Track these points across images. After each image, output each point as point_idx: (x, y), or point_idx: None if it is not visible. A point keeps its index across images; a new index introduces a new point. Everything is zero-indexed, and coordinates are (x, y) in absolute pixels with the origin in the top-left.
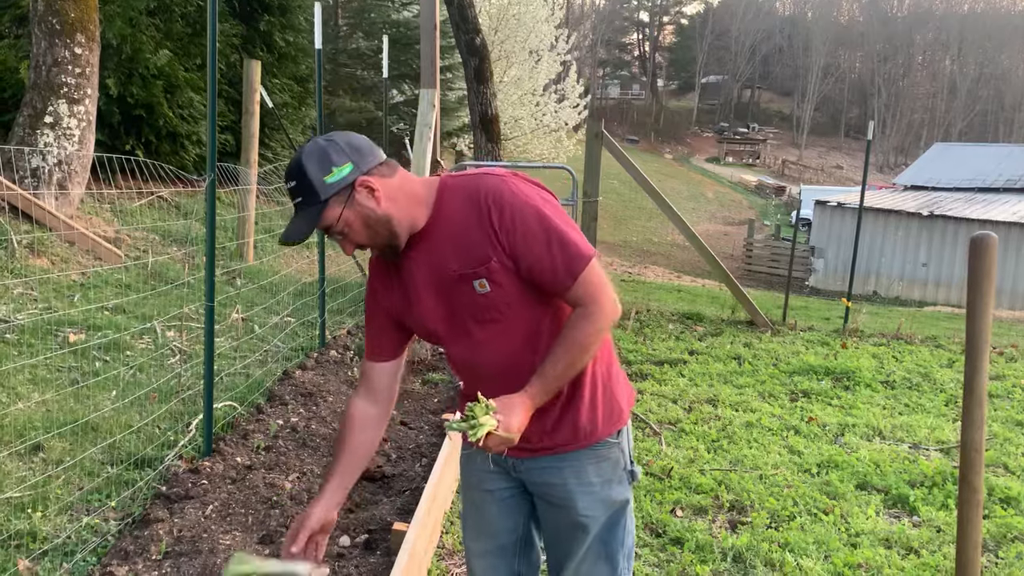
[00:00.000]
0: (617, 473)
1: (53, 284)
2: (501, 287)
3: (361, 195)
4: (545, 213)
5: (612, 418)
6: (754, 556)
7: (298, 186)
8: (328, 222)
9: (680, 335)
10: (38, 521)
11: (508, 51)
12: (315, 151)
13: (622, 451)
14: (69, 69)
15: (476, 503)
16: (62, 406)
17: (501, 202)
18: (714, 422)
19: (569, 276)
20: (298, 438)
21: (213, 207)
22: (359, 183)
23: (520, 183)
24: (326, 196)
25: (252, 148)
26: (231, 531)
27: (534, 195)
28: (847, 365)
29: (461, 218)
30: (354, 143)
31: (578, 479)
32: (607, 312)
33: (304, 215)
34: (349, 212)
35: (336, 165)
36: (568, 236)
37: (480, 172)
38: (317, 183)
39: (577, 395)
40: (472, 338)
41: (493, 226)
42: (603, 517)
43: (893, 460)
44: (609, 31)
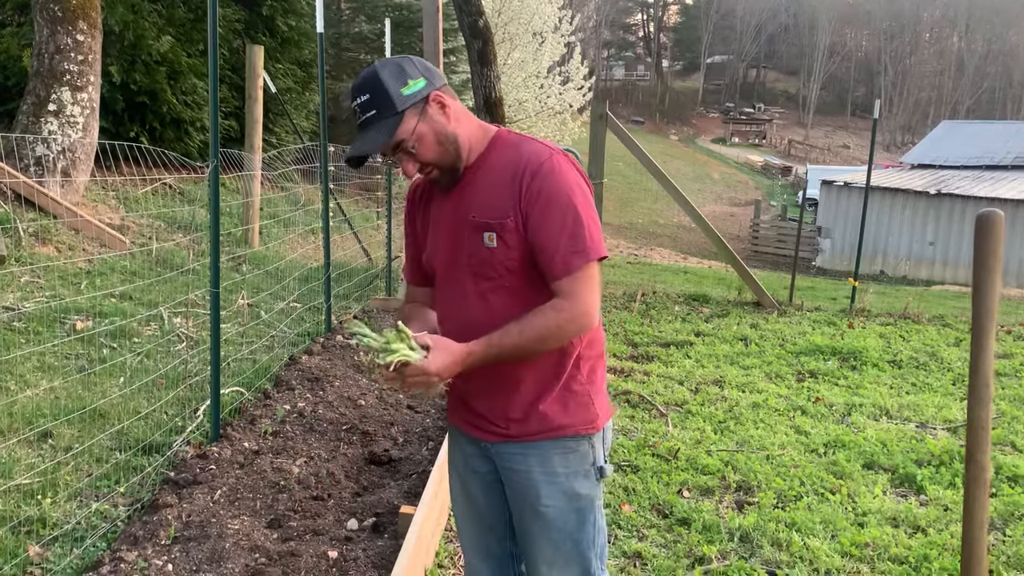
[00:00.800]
0: (584, 467)
1: (59, 272)
2: (507, 247)
3: (434, 109)
4: (573, 199)
5: (584, 420)
6: (761, 536)
7: (372, 98)
8: (403, 135)
9: (686, 317)
10: (48, 507)
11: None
12: (391, 64)
13: (592, 447)
14: (72, 56)
15: (463, 484)
16: (70, 393)
17: (538, 170)
18: (721, 403)
19: (564, 266)
20: (305, 423)
21: (217, 193)
22: (433, 97)
23: (564, 162)
24: (403, 107)
25: (256, 134)
26: (239, 516)
27: (572, 179)
28: (854, 345)
29: (500, 171)
30: (424, 63)
31: (543, 467)
32: (578, 316)
33: (379, 126)
34: (424, 125)
35: (412, 78)
36: (583, 228)
37: (533, 138)
38: (394, 94)
39: (550, 387)
40: (463, 289)
41: (521, 188)
42: (567, 510)
43: (900, 439)
44: (613, 12)
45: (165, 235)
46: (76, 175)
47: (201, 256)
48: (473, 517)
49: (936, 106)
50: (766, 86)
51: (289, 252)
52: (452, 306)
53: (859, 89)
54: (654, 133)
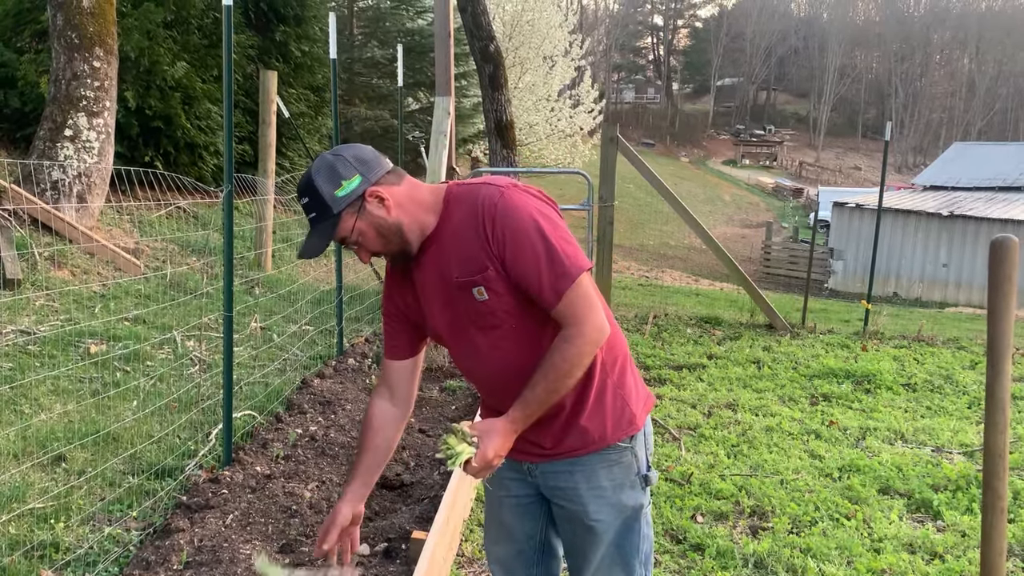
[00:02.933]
0: (630, 478)
1: (74, 296)
2: (499, 295)
3: (372, 205)
4: (539, 227)
5: (623, 424)
6: (775, 562)
7: (311, 202)
8: (342, 234)
9: (699, 339)
10: (61, 531)
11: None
12: (323, 167)
13: (635, 456)
14: (88, 83)
15: (496, 507)
16: (84, 417)
17: (495, 212)
18: (734, 427)
19: (554, 294)
20: (317, 446)
21: (231, 218)
22: (368, 193)
23: (518, 194)
24: (338, 209)
25: (269, 158)
26: (251, 540)
27: (531, 207)
28: (868, 368)
29: (462, 227)
30: (360, 155)
31: (588, 483)
32: (588, 337)
33: (319, 230)
34: (361, 223)
35: (345, 178)
36: (557, 252)
37: (482, 182)
38: (328, 197)
39: (583, 403)
40: (474, 344)
41: (487, 236)
42: (616, 522)
43: (916, 464)
44: (623, 36)
45: (179, 259)
46: (91, 199)
47: (215, 280)
48: (504, 540)
49: (948, 127)
50: (776, 108)
51: (301, 275)
52: (470, 362)
53: (870, 111)
54: (665, 155)
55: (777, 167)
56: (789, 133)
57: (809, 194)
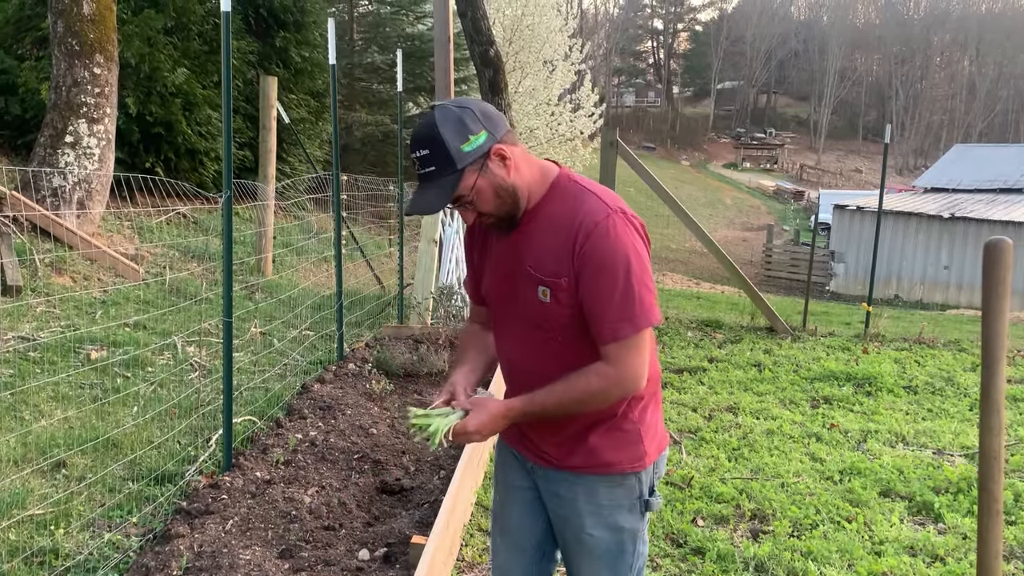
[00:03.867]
0: (630, 500)
1: (75, 302)
2: (560, 305)
3: (495, 163)
4: (628, 264)
5: (632, 458)
6: (776, 565)
7: (432, 155)
8: (463, 192)
9: (699, 343)
10: (60, 538)
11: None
12: (450, 119)
13: (639, 481)
14: (88, 89)
15: (502, 497)
16: (84, 423)
17: (592, 231)
18: (735, 430)
19: (612, 334)
20: (317, 452)
21: (230, 223)
22: (494, 152)
23: (621, 224)
24: (463, 165)
25: (270, 163)
26: (251, 546)
27: (627, 241)
28: (869, 370)
29: (557, 225)
30: (485, 111)
31: (588, 497)
32: (623, 382)
33: (439, 184)
34: (483, 180)
35: (473, 133)
36: (634, 296)
37: (595, 191)
38: (454, 151)
39: (598, 426)
40: (518, 333)
41: (575, 248)
42: (609, 541)
43: (917, 466)
44: (623, 39)
45: (179, 265)
46: (92, 206)
47: (215, 285)
48: (505, 535)
49: (948, 130)
50: (777, 111)
51: (302, 280)
52: (506, 345)
53: (870, 113)
54: (665, 159)
55: (778, 170)
56: (790, 136)
57: (810, 197)
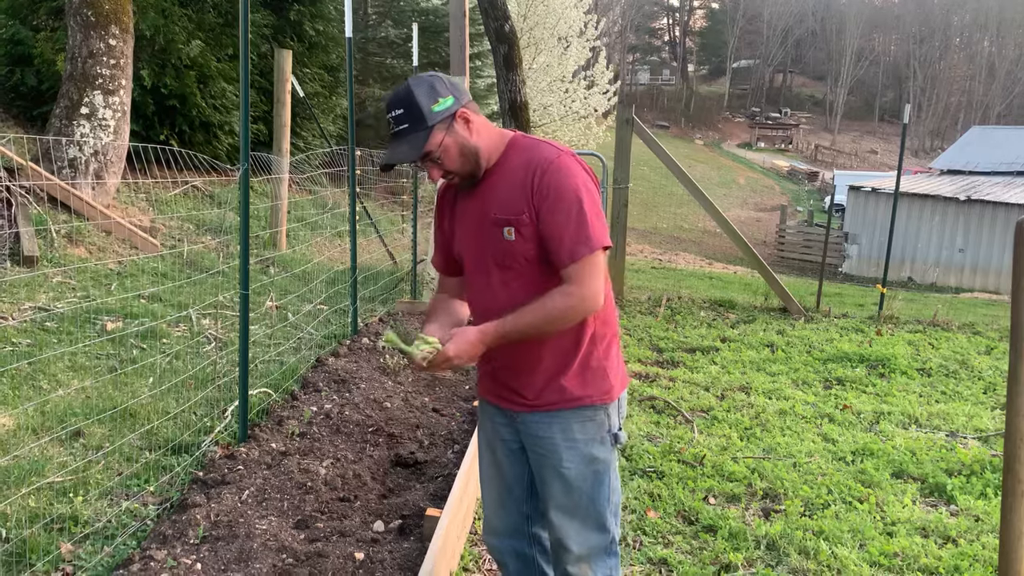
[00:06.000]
0: (600, 434)
1: (91, 273)
2: (524, 240)
3: (460, 125)
4: (579, 194)
5: (601, 391)
6: (788, 544)
7: (406, 113)
8: (431, 147)
9: (712, 322)
10: (79, 505)
11: (537, 38)
12: (424, 83)
13: (608, 415)
14: (104, 60)
15: (490, 450)
16: (101, 393)
17: (547, 168)
18: (747, 410)
19: (569, 255)
20: (331, 424)
21: (247, 196)
22: (459, 114)
23: (571, 162)
24: (432, 123)
25: (284, 137)
26: (267, 516)
27: (578, 177)
28: (882, 352)
29: (515, 173)
30: (453, 81)
31: (564, 434)
32: (584, 299)
33: (410, 139)
34: (449, 139)
35: (442, 96)
36: (587, 220)
37: (544, 141)
38: (426, 110)
39: (568, 364)
40: (488, 278)
41: (533, 186)
42: (586, 471)
43: (930, 448)
44: (639, 16)
45: (194, 237)
46: (107, 177)
47: (230, 258)
48: (496, 479)
49: (966, 111)
50: (793, 91)
51: (316, 255)
52: (479, 293)
53: (887, 94)
54: (679, 137)
55: (792, 150)
56: (805, 116)
57: (824, 178)
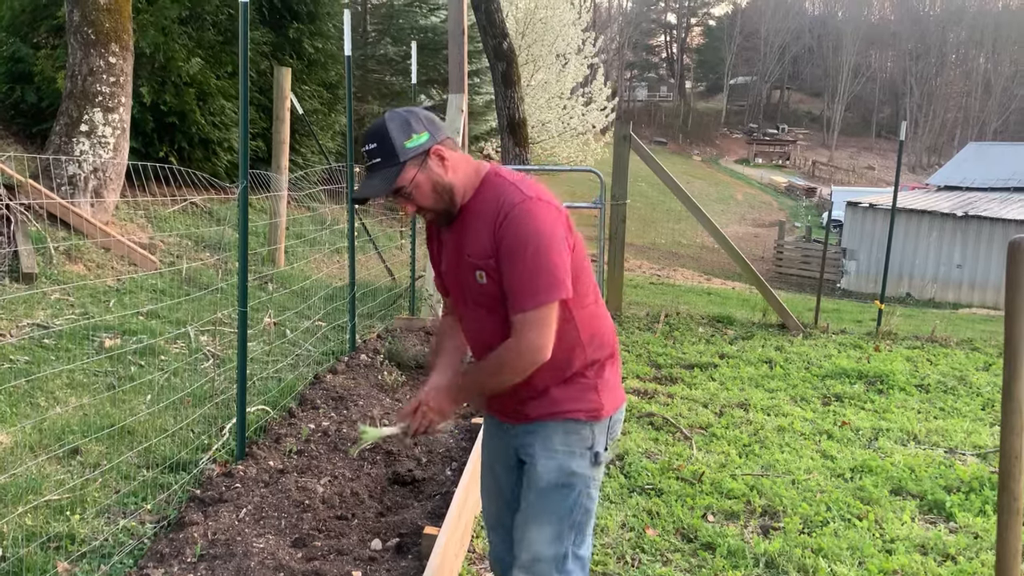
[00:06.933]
0: (581, 448)
1: (89, 290)
2: (494, 283)
3: (434, 161)
4: (537, 244)
5: (588, 409)
6: (787, 562)
7: (379, 148)
8: (402, 183)
9: (710, 338)
10: (76, 523)
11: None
12: (398, 118)
13: (592, 432)
14: (104, 78)
15: (491, 466)
16: (99, 410)
17: (508, 213)
18: (745, 426)
19: (516, 305)
20: (329, 442)
21: (246, 214)
22: (434, 151)
23: (537, 207)
24: (405, 159)
25: (283, 154)
26: (264, 534)
27: (539, 223)
28: (880, 368)
29: (484, 212)
30: (430, 117)
31: (544, 444)
32: (522, 353)
33: (382, 174)
34: (422, 175)
35: (416, 132)
36: (538, 274)
37: (514, 181)
38: (398, 146)
39: (559, 381)
40: (475, 312)
41: (496, 231)
42: (554, 476)
43: (928, 465)
44: (636, 34)
45: (193, 254)
46: (107, 194)
47: (228, 275)
48: (496, 495)
49: (963, 127)
50: (790, 107)
51: (314, 271)
52: (466, 327)
53: (884, 110)
54: (677, 153)
55: (790, 166)
56: (802, 132)
57: (822, 193)
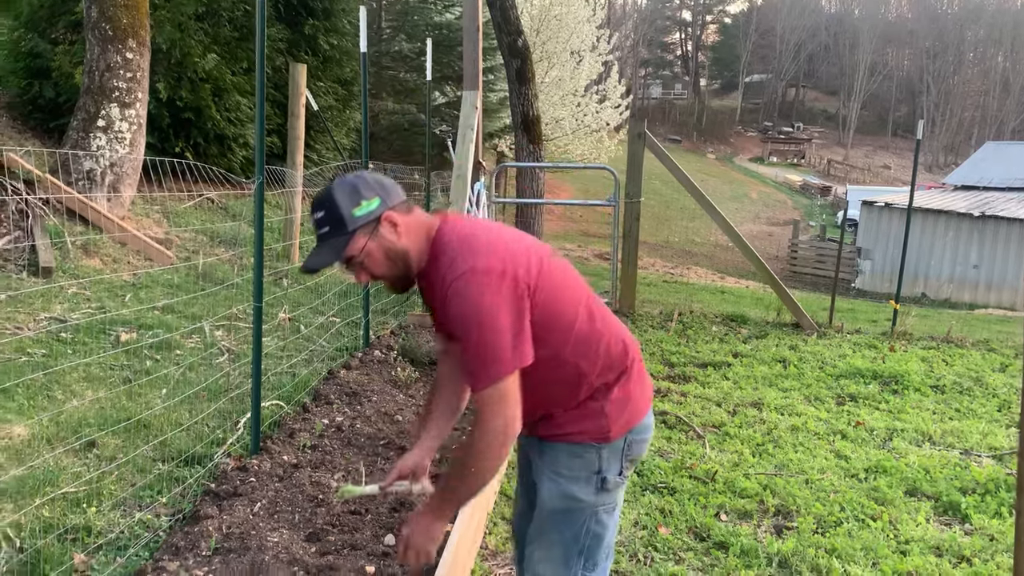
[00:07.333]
0: (587, 473)
1: (105, 284)
2: None
3: (385, 228)
4: (479, 320)
5: (596, 431)
6: (800, 562)
7: (326, 216)
8: (352, 252)
9: (724, 337)
10: (93, 516)
11: (550, 52)
12: (345, 185)
13: (600, 457)
14: (121, 74)
15: (520, 475)
16: (115, 404)
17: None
18: (759, 425)
19: (471, 388)
20: (343, 437)
21: (261, 209)
22: (385, 217)
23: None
24: (353, 228)
25: (298, 150)
26: (279, 528)
27: (483, 297)
28: (895, 368)
29: (435, 285)
30: (381, 180)
31: (551, 466)
32: (487, 437)
33: (330, 245)
34: (373, 244)
35: (365, 198)
36: (484, 352)
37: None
38: (346, 215)
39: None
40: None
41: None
42: (558, 505)
43: (944, 466)
44: (651, 31)
45: (208, 250)
46: (123, 189)
47: (244, 271)
48: (522, 503)
49: (980, 126)
50: (805, 105)
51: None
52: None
53: (901, 108)
54: (691, 151)
55: (805, 165)
56: (818, 131)
57: (837, 192)
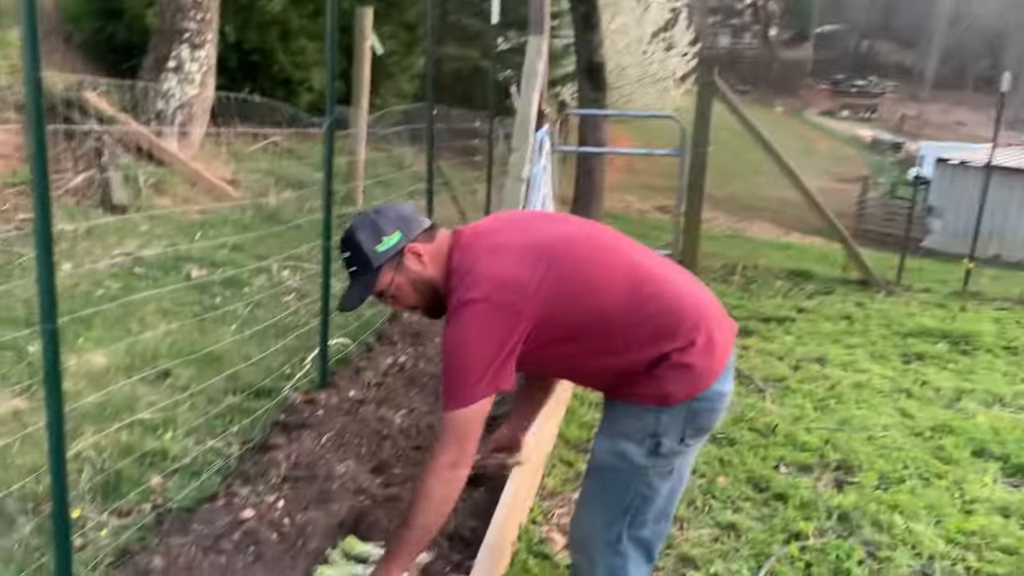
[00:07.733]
0: (642, 435)
1: (176, 222)
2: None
3: (409, 260)
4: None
5: (655, 396)
6: (861, 516)
7: (352, 257)
8: (381, 287)
9: (788, 292)
10: (167, 442)
11: None
12: (366, 223)
13: (659, 420)
14: (191, 15)
15: None
16: (187, 337)
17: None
18: (822, 381)
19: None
20: (406, 376)
21: (331, 148)
22: (408, 249)
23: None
24: (378, 264)
25: (363, 94)
26: (345, 459)
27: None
28: (966, 328)
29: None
30: (401, 213)
31: (607, 422)
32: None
33: (359, 283)
34: (400, 277)
35: (386, 234)
36: (453, 381)
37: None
38: (369, 253)
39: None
40: None
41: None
42: (608, 461)
43: (1014, 428)
44: None
45: (274, 191)
46: (192, 130)
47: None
48: None
49: None
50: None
51: None
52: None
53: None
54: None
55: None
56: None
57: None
